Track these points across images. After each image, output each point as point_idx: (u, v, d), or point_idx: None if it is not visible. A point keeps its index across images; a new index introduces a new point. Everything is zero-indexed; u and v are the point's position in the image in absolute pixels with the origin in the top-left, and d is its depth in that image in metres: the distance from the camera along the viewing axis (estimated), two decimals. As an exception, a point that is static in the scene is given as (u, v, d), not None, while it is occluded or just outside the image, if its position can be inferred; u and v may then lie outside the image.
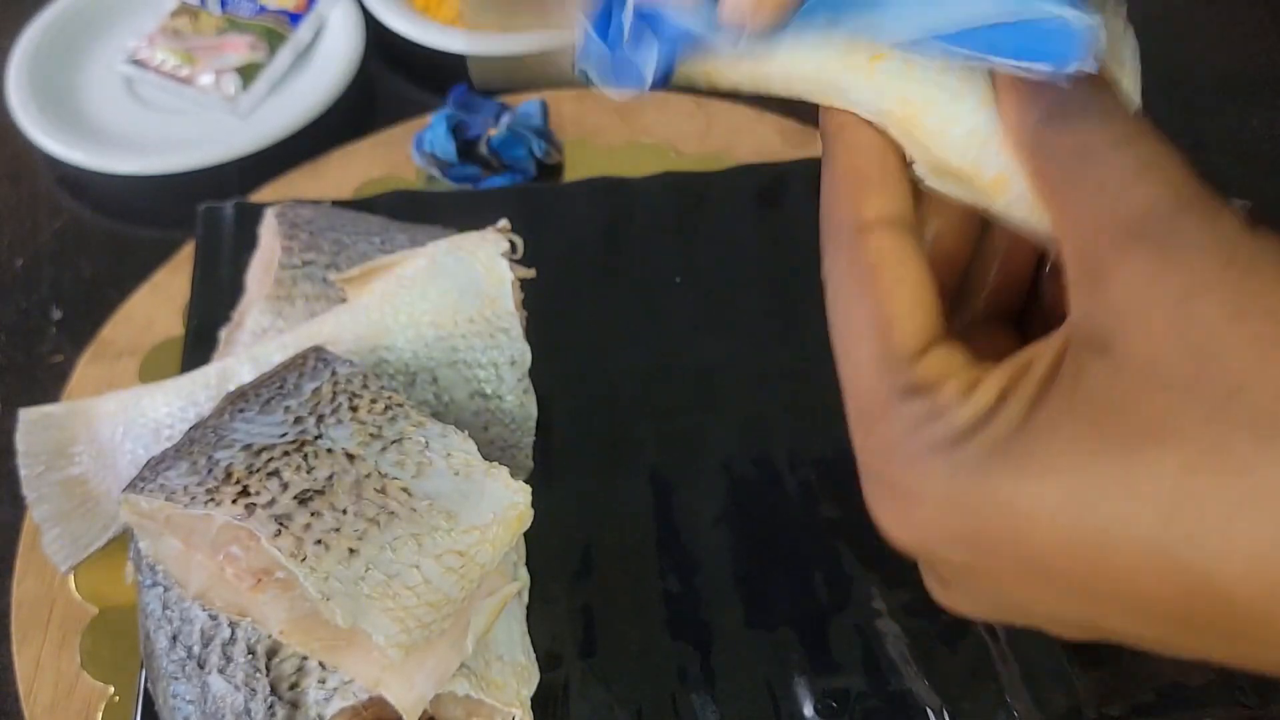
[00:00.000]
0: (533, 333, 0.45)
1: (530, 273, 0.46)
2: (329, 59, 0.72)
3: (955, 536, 0.24)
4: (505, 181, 0.62)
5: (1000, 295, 0.31)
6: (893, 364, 0.25)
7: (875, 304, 0.26)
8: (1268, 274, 0.21)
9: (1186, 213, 0.22)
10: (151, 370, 0.54)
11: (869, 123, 0.28)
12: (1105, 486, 0.21)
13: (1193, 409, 0.21)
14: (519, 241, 0.46)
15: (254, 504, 0.34)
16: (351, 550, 0.34)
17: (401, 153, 0.65)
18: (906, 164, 0.28)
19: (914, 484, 0.24)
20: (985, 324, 0.30)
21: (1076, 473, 0.22)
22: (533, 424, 0.44)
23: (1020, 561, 0.23)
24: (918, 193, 0.28)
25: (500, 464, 0.38)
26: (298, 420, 0.38)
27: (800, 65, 0.29)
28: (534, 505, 0.38)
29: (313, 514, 0.35)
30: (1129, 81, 0.27)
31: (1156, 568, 0.21)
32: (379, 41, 0.74)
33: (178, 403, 0.46)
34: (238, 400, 0.40)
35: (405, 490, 0.36)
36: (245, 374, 0.45)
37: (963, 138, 0.28)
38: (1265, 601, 0.20)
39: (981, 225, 0.30)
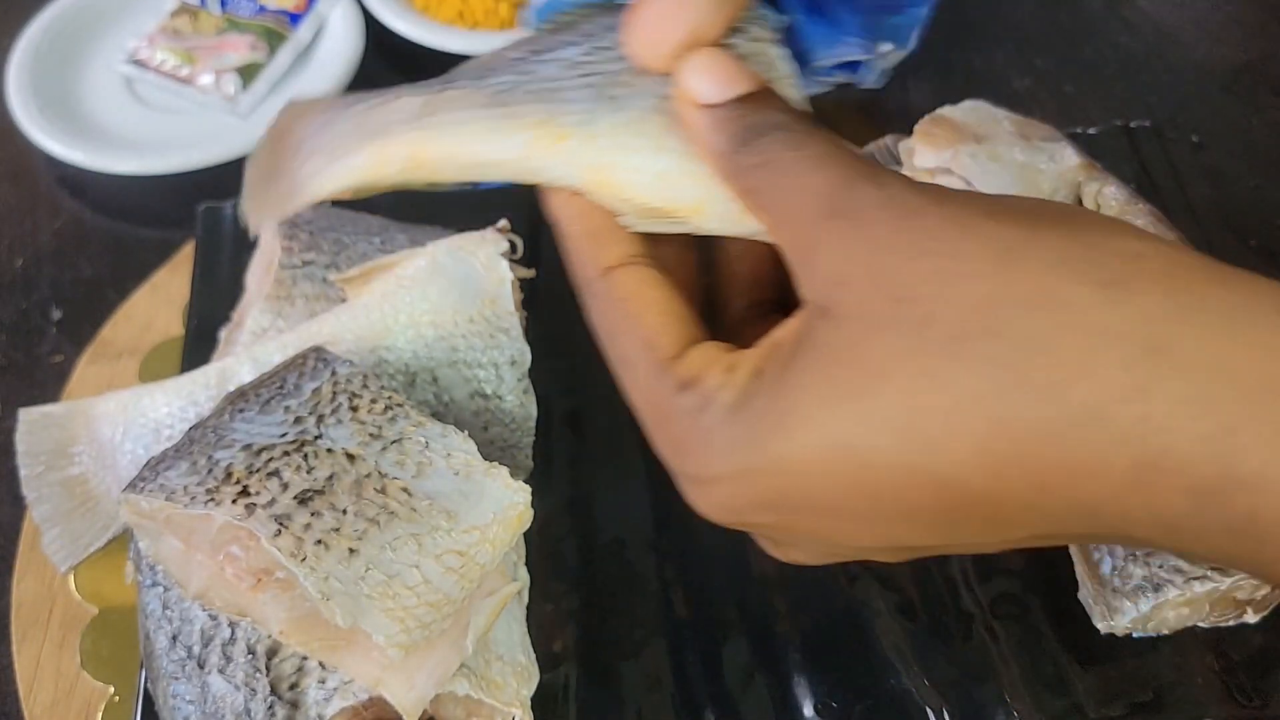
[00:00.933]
0: (533, 333, 0.45)
1: (530, 273, 0.46)
2: (329, 59, 0.72)
3: (757, 504, 0.28)
4: (505, 182, 0.62)
5: (756, 291, 0.34)
6: (660, 371, 0.29)
7: (632, 329, 0.30)
8: (932, 217, 0.25)
9: (859, 184, 0.26)
10: (151, 370, 0.54)
11: (580, 193, 0.32)
12: (851, 426, 0.25)
13: (898, 343, 0.24)
14: (519, 241, 0.46)
15: (254, 504, 0.34)
16: (351, 550, 0.34)
17: (401, 152, 0.65)
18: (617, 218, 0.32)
19: (706, 468, 0.28)
20: (758, 320, 0.33)
21: (827, 420, 0.25)
22: (533, 424, 0.44)
23: (815, 508, 0.27)
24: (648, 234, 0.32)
25: (500, 464, 0.38)
26: (298, 420, 0.38)
27: (501, 155, 0.34)
28: (534, 505, 0.38)
29: (313, 514, 0.35)
30: (789, 89, 0.31)
31: (911, 481, 0.25)
32: (379, 41, 0.74)
33: (178, 403, 0.46)
34: (238, 400, 0.40)
35: (405, 490, 0.36)
36: (245, 374, 0.45)
37: (652, 182, 0.32)
38: (992, 482, 0.24)
39: (701, 242, 0.34)
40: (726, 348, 0.29)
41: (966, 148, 0.50)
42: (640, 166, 0.33)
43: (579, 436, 0.49)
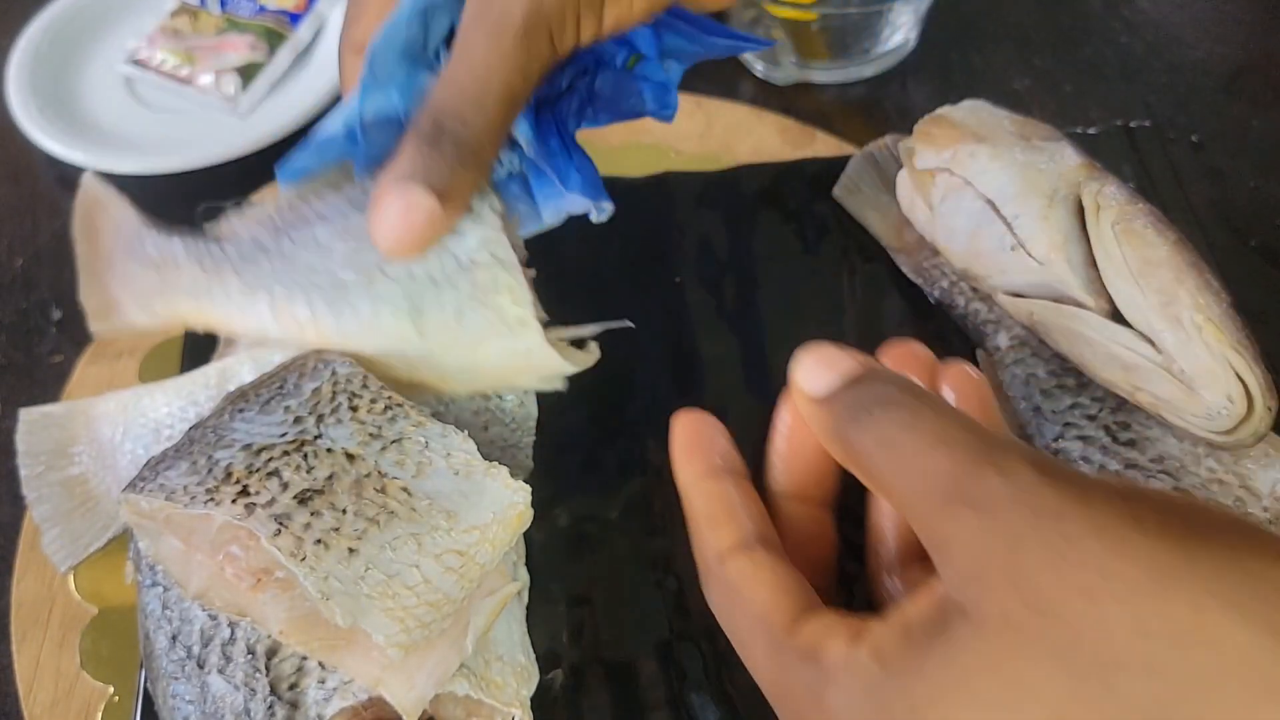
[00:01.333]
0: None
1: (530, 272, 0.46)
2: (329, 59, 0.72)
3: None
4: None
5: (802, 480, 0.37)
6: (776, 644, 0.30)
7: (745, 609, 0.31)
8: (1069, 521, 0.24)
9: (984, 471, 0.26)
10: (151, 370, 0.54)
11: (714, 474, 0.36)
12: None
13: (1045, 664, 0.24)
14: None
15: (254, 504, 0.34)
16: (351, 550, 0.34)
17: (401, 152, 0.65)
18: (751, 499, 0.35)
19: None
20: (798, 502, 0.37)
21: None
22: (533, 424, 0.44)
23: None
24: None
25: (500, 464, 0.38)
26: (297, 420, 0.38)
27: (264, 332, 0.42)
28: (534, 505, 0.38)
29: (312, 514, 0.35)
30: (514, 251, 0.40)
31: None
32: (379, 41, 0.74)
33: (178, 402, 0.46)
34: (237, 400, 0.40)
35: (405, 490, 0.36)
36: (246, 374, 0.45)
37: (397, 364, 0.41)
38: None
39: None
40: (843, 614, 0.29)
41: (966, 147, 0.50)
42: (388, 352, 0.41)
43: (579, 436, 0.49)
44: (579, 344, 0.42)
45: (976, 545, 0.25)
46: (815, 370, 0.32)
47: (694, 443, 0.37)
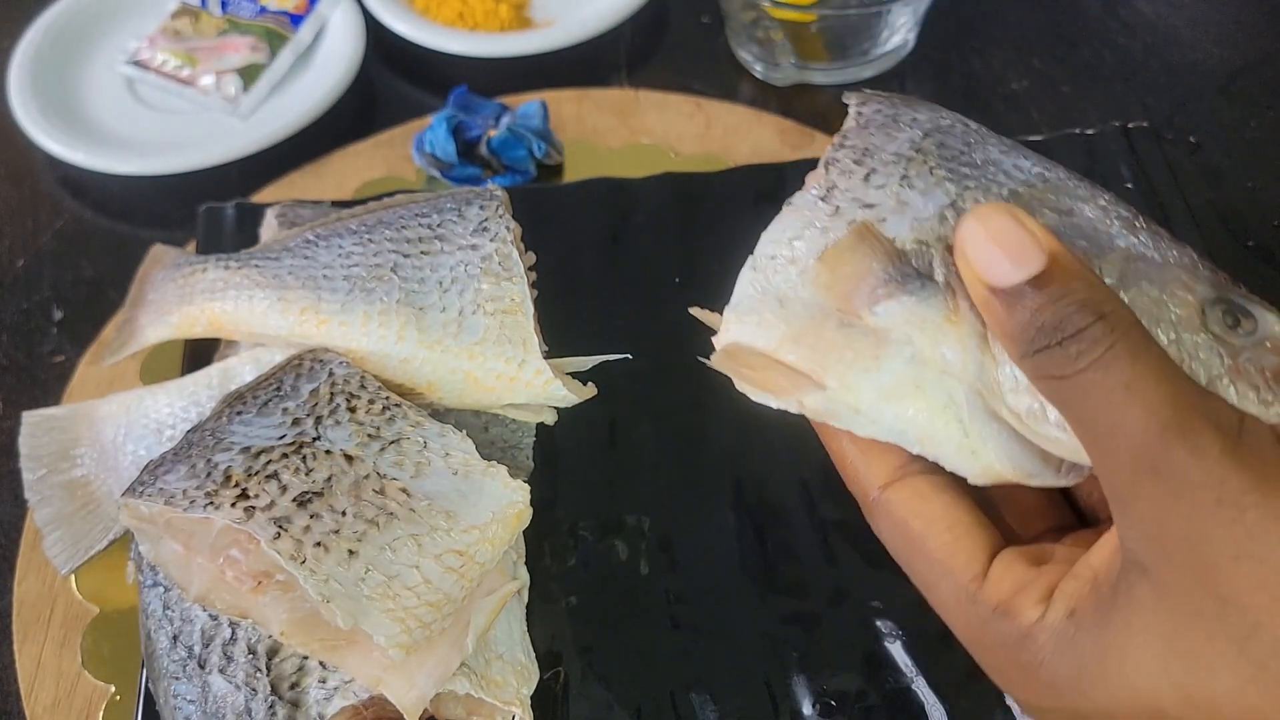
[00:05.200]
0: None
1: (532, 275, 0.46)
2: (329, 60, 0.72)
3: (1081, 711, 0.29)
4: (505, 182, 0.62)
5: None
6: (967, 597, 0.31)
7: (922, 552, 0.31)
8: (1252, 511, 0.25)
9: (1173, 444, 0.26)
10: (152, 371, 0.54)
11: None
12: (1168, 700, 0.27)
13: (1224, 648, 0.26)
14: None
15: (253, 507, 0.35)
16: (351, 552, 0.34)
17: (402, 153, 0.65)
18: None
19: (1035, 699, 0.30)
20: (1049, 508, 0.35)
21: (1148, 689, 0.27)
22: (533, 425, 0.45)
23: None
24: None
25: (500, 464, 0.38)
26: (296, 422, 0.38)
27: (278, 330, 0.43)
28: (533, 504, 0.38)
29: (312, 516, 0.35)
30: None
31: None
32: (379, 43, 0.74)
33: (180, 403, 0.46)
34: (235, 403, 0.40)
35: (404, 491, 0.36)
36: (247, 374, 0.45)
37: (397, 366, 0.42)
38: None
39: None
40: (1028, 560, 0.30)
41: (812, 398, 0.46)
42: (386, 352, 0.41)
43: (579, 436, 0.49)
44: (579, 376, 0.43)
45: (1161, 519, 0.26)
46: (996, 256, 0.28)
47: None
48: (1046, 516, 0.34)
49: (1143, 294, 0.30)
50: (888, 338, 0.31)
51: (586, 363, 0.43)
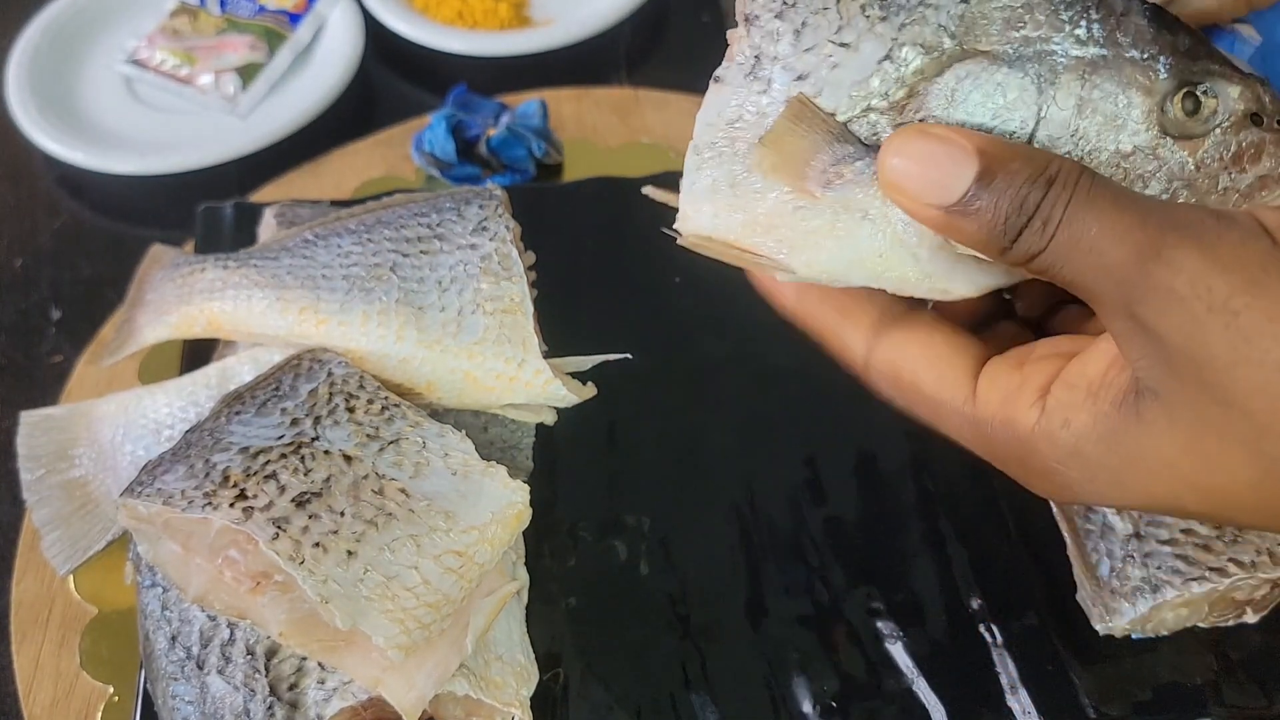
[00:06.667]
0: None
1: (532, 274, 0.46)
2: (328, 59, 0.72)
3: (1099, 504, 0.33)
4: (505, 181, 0.62)
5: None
6: (967, 419, 0.32)
7: (919, 396, 0.32)
8: (1244, 315, 0.26)
9: (1153, 268, 0.27)
10: (151, 371, 0.54)
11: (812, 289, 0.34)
12: (1188, 498, 0.29)
13: (1237, 451, 0.27)
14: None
15: (251, 507, 0.34)
16: (350, 552, 0.34)
17: (401, 153, 0.65)
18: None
19: (1041, 491, 0.32)
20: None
21: (1164, 492, 0.29)
22: (532, 425, 0.44)
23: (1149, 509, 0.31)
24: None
25: (499, 464, 0.38)
26: (294, 422, 0.38)
27: (276, 329, 0.43)
28: (532, 504, 0.38)
29: (310, 516, 0.35)
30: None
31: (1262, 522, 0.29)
32: (378, 41, 0.74)
33: (179, 403, 0.46)
34: (234, 403, 0.40)
35: (403, 491, 0.36)
36: (246, 374, 0.45)
37: (396, 366, 0.42)
38: None
39: None
40: (1010, 366, 0.31)
41: None
42: (385, 351, 0.41)
43: (579, 436, 0.49)
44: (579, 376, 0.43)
45: (1161, 342, 0.27)
46: (931, 181, 0.29)
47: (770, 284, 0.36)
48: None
49: (1098, 113, 0.30)
50: (844, 211, 0.31)
51: (586, 363, 0.43)
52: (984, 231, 0.28)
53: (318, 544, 0.34)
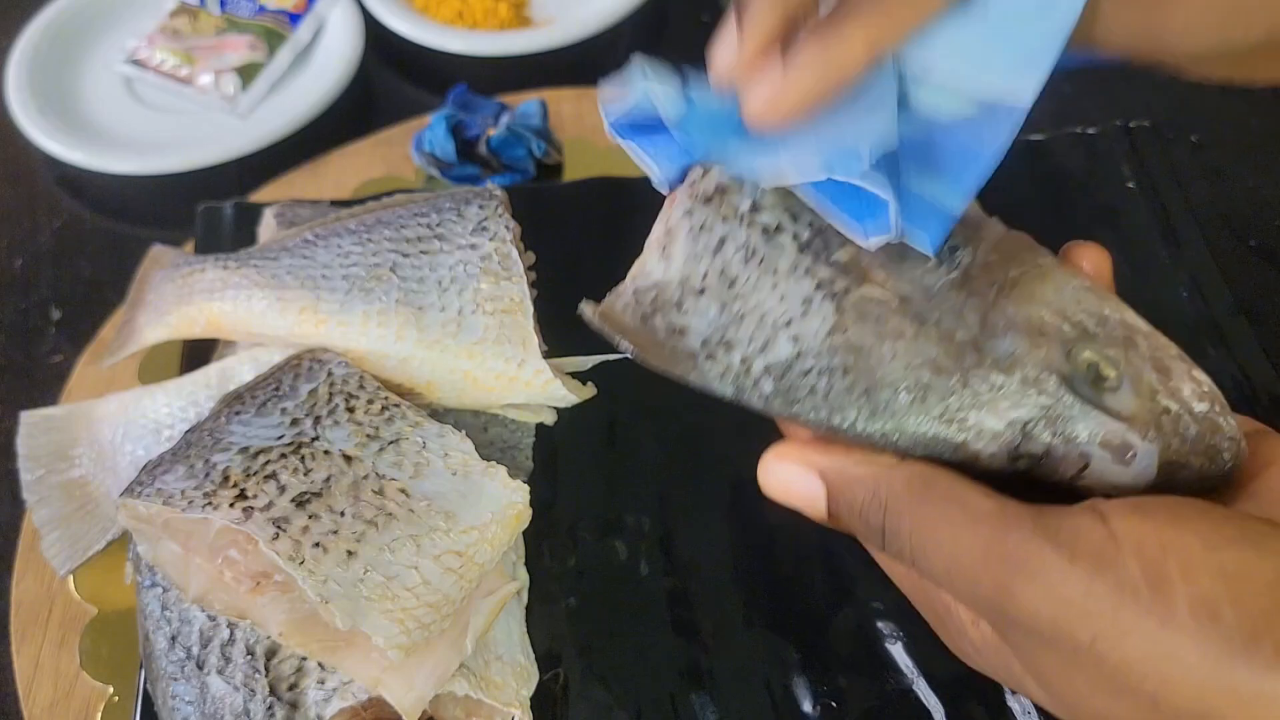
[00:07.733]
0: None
1: (532, 275, 0.46)
2: (328, 59, 0.72)
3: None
4: (505, 181, 0.62)
5: None
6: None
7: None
8: (1099, 621, 0.24)
9: (1013, 579, 0.25)
10: (151, 371, 0.54)
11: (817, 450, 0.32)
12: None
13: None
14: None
15: (251, 507, 0.34)
16: (350, 552, 0.34)
17: (401, 153, 0.65)
18: None
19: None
20: None
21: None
22: (532, 425, 0.44)
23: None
24: None
25: (499, 464, 0.38)
26: (294, 422, 0.38)
27: (276, 329, 0.43)
28: (532, 505, 0.38)
29: (310, 516, 0.35)
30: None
31: None
32: (378, 41, 0.74)
33: (178, 403, 0.46)
34: (233, 403, 0.40)
35: (403, 491, 0.36)
36: (246, 374, 0.45)
37: (396, 366, 0.42)
38: None
39: None
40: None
41: None
42: (385, 351, 0.42)
43: (579, 436, 0.49)
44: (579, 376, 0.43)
45: (1028, 647, 0.26)
46: (799, 503, 0.31)
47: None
48: None
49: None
50: None
51: (586, 363, 0.43)
52: (862, 538, 0.30)
53: (318, 544, 0.34)
